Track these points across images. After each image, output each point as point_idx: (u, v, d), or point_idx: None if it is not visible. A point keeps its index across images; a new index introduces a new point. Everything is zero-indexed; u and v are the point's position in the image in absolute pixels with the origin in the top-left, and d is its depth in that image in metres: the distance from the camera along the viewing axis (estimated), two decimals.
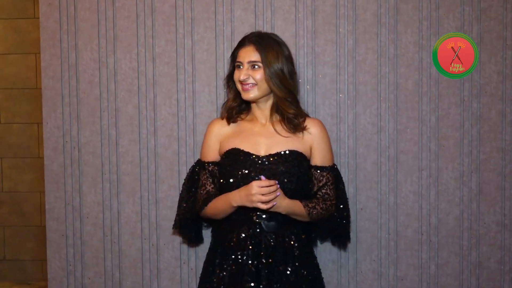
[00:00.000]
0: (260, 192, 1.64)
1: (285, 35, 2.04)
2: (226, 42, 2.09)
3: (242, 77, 1.76)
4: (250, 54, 1.77)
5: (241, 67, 1.78)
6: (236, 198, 1.71)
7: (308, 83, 2.09)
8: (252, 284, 1.71)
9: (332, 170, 1.86)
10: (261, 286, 1.72)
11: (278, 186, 1.67)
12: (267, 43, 1.79)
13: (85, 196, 2.14)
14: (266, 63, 1.76)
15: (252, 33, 1.85)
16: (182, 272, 2.14)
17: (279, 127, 1.82)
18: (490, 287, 2.08)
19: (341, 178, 1.92)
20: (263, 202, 1.64)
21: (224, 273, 1.77)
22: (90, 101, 2.13)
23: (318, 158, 1.83)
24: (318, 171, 1.83)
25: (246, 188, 1.68)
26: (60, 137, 2.14)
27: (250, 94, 1.77)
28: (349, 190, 2.07)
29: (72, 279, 2.17)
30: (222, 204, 1.77)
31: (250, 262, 1.73)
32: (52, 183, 2.15)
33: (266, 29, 2.06)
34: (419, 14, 2.05)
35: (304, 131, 1.83)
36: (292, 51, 1.97)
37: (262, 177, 1.66)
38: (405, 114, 2.07)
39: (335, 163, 1.95)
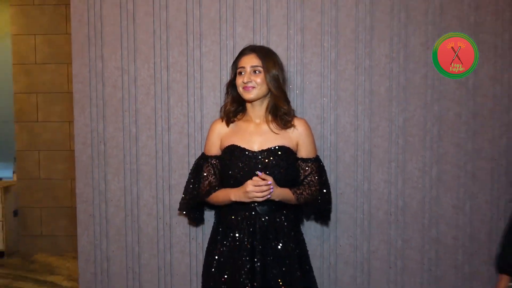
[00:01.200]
0: (254, 191, 1.60)
1: (278, 49, 1.97)
2: (229, 54, 2.02)
3: (246, 80, 1.71)
4: (252, 60, 1.72)
5: (243, 72, 1.72)
6: (236, 195, 1.67)
7: (297, 88, 2.03)
8: (248, 258, 1.67)
9: (316, 161, 1.81)
10: (255, 259, 1.67)
11: (271, 187, 1.62)
12: (265, 52, 1.74)
13: (110, 183, 2.08)
14: (265, 68, 1.70)
15: (251, 45, 1.80)
16: (191, 246, 2.08)
17: (270, 126, 1.76)
18: (446, 258, 2.05)
19: (324, 167, 1.87)
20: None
21: (224, 248, 1.73)
22: (114, 103, 2.06)
23: (304, 152, 1.78)
24: (304, 162, 1.78)
25: (243, 187, 1.64)
26: (89, 133, 2.08)
27: (251, 94, 1.72)
28: (331, 178, 2.01)
29: (98, 252, 2.11)
30: (223, 197, 1.73)
31: (246, 239, 1.69)
32: (82, 172, 2.09)
33: (262, 43, 1.99)
34: (390, 32, 1.99)
35: (292, 129, 1.77)
36: (284, 62, 1.91)
37: (258, 173, 1.61)
38: (377, 115, 2.01)
39: (319, 155, 1.90)
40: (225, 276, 1.69)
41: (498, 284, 1.71)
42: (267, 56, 1.73)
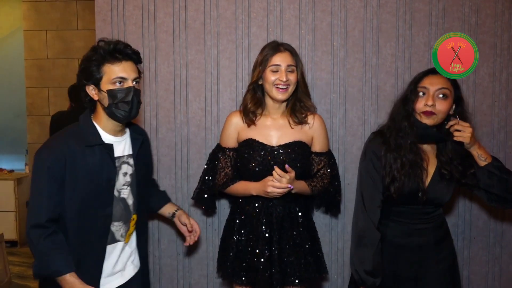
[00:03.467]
0: (274, 191, 1.67)
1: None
2: (244, 52, 2.15)
3: (284, 78, 1.71)
4: (287, 59, 1.74)
5: (279, 70, 1.73)
6: (256, 190, 1.73)
7: (309, 85, 2.12)
8: (266, 247, 1.75)
9: (328, 155, 1.89)
10: (273, 248, 1.75)
11: (291, 186, 1.67)
12: (295, 51, 1.79)
13: None
14: (298, 67, 1.77)
15: (279, 42, 1.79)
16: (207, 232, 2.22)
17: (287, 121, 1.82)
18: None
19: (335, 161, 1.95)
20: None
21: (242, 238, 1.80)
22: None
23: (318, 146, 1.85)
24: (317, 156, 1.85)
25: (263, 185, 1.70)
26: None
27: (285, 95, 1.75)
28: (340, 169, 2.12)
29: None
30: (243, 190, 1.79)
31: (264, 229, 1.77)
32: None
33: None
34: (395, 32, 2.12)
35: (308, 124, 1.83)
36: None
37: (276, 167, 1.66)
38: (383, 110, 2.12)
39: (331, 149, 2.03)
40: (243, 264, 1.78)
41: None
42: (297, 54, 1.79)
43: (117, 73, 1.48)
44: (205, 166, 1.95)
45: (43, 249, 1.43)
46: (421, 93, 1.59)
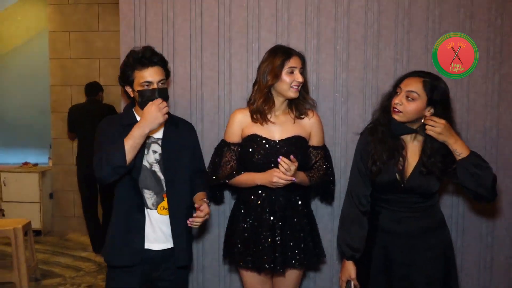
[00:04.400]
0: (278, 181, 1.85)
1: (297, 50, 2.30)
2: (254, 55, 2.34)
3: (301, 79, 1.92)
4: (299, 63, 1.94)
5: (294, 72, 1.91)
6: (261, 180, 1.90)
7: (313, 85, 2.34)
8: (269, 233, 1.94)
9: (324, 149, 2.08)
10: (276, 234, 1.93)
11: (294, 179, 1.84)
12: (303, 55, 1.99)
13: None
14: (305, 70, 1.99)
15: (286, 47, 1.99)
16: (219, 218, 2.41)
17: (288, 117, 2.00)
18: None
19: (330, 154, 2.12)
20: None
21: (248, 225, 1.98)
22: None
23: (315, 140, 2.04)
24: (315, 149, 2.04)
25: (269, 176, 1.86)
26: None
27: (297, 94, 1.94)
28: (341, 163, 2.33)
29: None
30: (248, 181, 1.95)
31: (267, 216, 1.95)
32: None
33: None
34: (394, 37, 2.29)
35: (307, 119, 2.01)
36: None
37: (282, 158, 1.81)
38: None
39: (333, 144, 2.23)
40: (251, 248, 1.96)
41: (346, 273, 1.92)
42: (304, 59, 1.99)
43: (144, 77, 1.82)
44: (210, 160, 2.12)
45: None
46: (397, 92, 1.80)
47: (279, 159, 1.84)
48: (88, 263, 4.07)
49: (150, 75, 1.82)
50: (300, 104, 2.02)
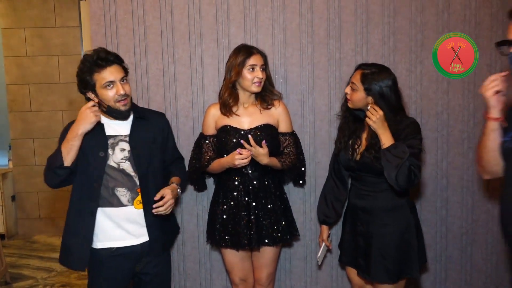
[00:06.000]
0: (240, 162, 2.02)
1: (266, 45, 2.44)
2: (224, 50, 2.46)
3: (261, 76, 2.10)
4: (260, 60, 2.13)
5: (255, 69, 2.10)
6: (227, 163, 2.07)
7: (281, 78, 2.49)
8: (245, 213, 2.13)
9: (292, 135, 2.26)
10: (250, 213, 2.12)
11: (251, 153, 2.03)
12: (264, 53, 2.17)
13: None
14: (267, 66, 2.16)
15: (249, 46, 2.18)
16: (198, 209, 2.55)
17: (256, 108, 2.18)
18: None
19: (299, 140, 2.31)
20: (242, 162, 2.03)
21: (225, 207, 2.17)
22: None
23: (283, 127, 2.22)
24: (283, 136, 2.23)
25: (231, 158, 2.03)
26: None
27: (260, 88, 2.13)
28: (310, 150, 2.52)
29: None
30: (219, 166, 2.14)
31: (243, 198, 2.14)
32: None
33: (252, 41, 2.44)
34: (355, 29, 2.48)
35: (273, 108, 2.19)
36: (270, 56, 2.38)
37: (242, 141, 2.04)
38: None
39: (302, 131, 2.41)
40: (229, 228, 2.15)
41: (321, 235, 2.31)
42: (265, 55, 2.18)
43: (105, 78, 1.85)
44: (192, 152, 2.29)
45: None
46: (350, 82, 2.08)
47: (241, 141, 2.06)
48: (59, 263, 4.05)
49: (111, 74, 1.84)
50: (266, 96, 2.21)
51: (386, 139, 1.94)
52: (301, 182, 2.38)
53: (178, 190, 2.02)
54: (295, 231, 2.30)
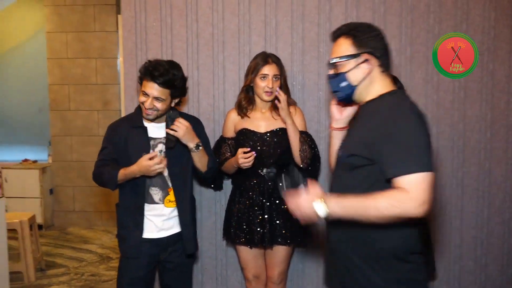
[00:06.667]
0: (242, 160, 2.11)
1: (285, 53, 2.55)
2: (245, 57, 2.59)
3: (271, 85, 2.18)
4: (274, 70, 2.20)
5: (266, 78, 2.18)
6: (235, 162, 2.17)
7: (299, 84, 2.59)
8: (259, 212, 2.23)
9: (307, 134, 2.31)
10: (264, 212, 2.22)
11: (254, 154, 2.12)
12: (280, 62, 2.25)
13: None
14: (282, 75, 2.24)
15: (267, 53, 2.25)
16: (216, 207, 2.68)
17: (273, 114, 2.27)
18: None
19: (314, 141, 2.31)
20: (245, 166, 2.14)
21: (241, 206, 2.28)
22: None
23: (298, 126, 2.24)
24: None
25: (236, 157, 2.14)
26: None
27: (270, 98, 2.22)
28: (325, 155, 2.57)
29: None
30: (229, 166, 2.26)
31: (258, 198, 2.25)
32: None
33: (272, 50, 2.54)
34: None
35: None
36: (288, 64, 2.49)
37: (239, 149, 2.14)
38: None
39: (317, 137, 2.49)
40: (244, 226, 2.27)
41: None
42: (282, 65, 2.25)
43: (145, 88, 2.02)
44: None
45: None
46: None
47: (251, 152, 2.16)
48: (90, 254, 4.30)
49: (149, 89, 1.99)
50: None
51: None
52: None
53: (198, 142, 2.09)
54: (308, 234, 2.38)
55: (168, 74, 2.00)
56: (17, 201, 4.92)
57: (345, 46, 1.49)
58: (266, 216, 2.24)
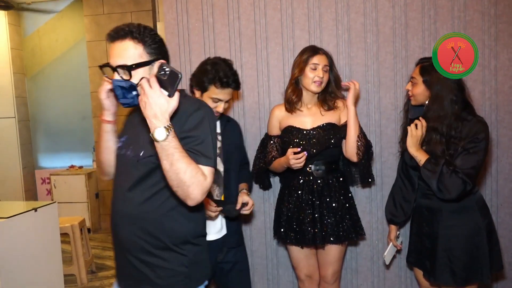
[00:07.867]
0: (293, 161, 2.05)
1: (330, 45, 2.48)
2: (289, 52, 2.54)
3: (321, 75, 2.12)
4: (324, 60, 2.14)
5: (317, 69, 2.12)
6: (285, 162, 2.11)
7: (346, 77, 2.51)
8: (309, 211, 2.16)
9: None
10: (315, 211, 2.16)
11: (306, 154, 2.07)
12: (330, 56, 2.19)
13: None
14: (331, 68, 2.18)
15: (317, 47, 2.18)
16: (265, 206, 2.64)
17: (319, 109, 2.20)
18: None
19: (364, 132, 2.23)
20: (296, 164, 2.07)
21: (290, 205, 2.22)
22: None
23: (345, 119, 2.19)
24: (345, 126, 2.18)
25: (286, 157, 2.08)
26: None
27: (320, 88, 2.15)
28: (376, 149, 2.50)
29: None
30: (278, 165, 2.21)
31: (306, 196, 2.18)
32: None
33: (316, 42, 2.49)
34: (421, 27, 2.44)
35: (335, 108, 2.20)
36: (334, 56, 2.40)
37: (289, 149, 2.09)
38: None
39: (366, 131, 2.39)
40: (294, 225, 2.20)
41: (389, 234, 2.27)
42: (332, 59, 2.19)
43: (217, 95, 1.99)
44: (257, 151, 2.39)
45: None
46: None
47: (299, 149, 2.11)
48: None
49: (223, 95, 2.01)
50: (328, 100, 2.22)
51: (421, 157, 1.94)
52: (370, 180, 2.32)
53: (249, 195, 2.18)
54: (361, 230, 2.29)
55: (237, 75, 2.03)
56: (65, 206, 5.07)
57: None
58: (316, 215, 2.17)
